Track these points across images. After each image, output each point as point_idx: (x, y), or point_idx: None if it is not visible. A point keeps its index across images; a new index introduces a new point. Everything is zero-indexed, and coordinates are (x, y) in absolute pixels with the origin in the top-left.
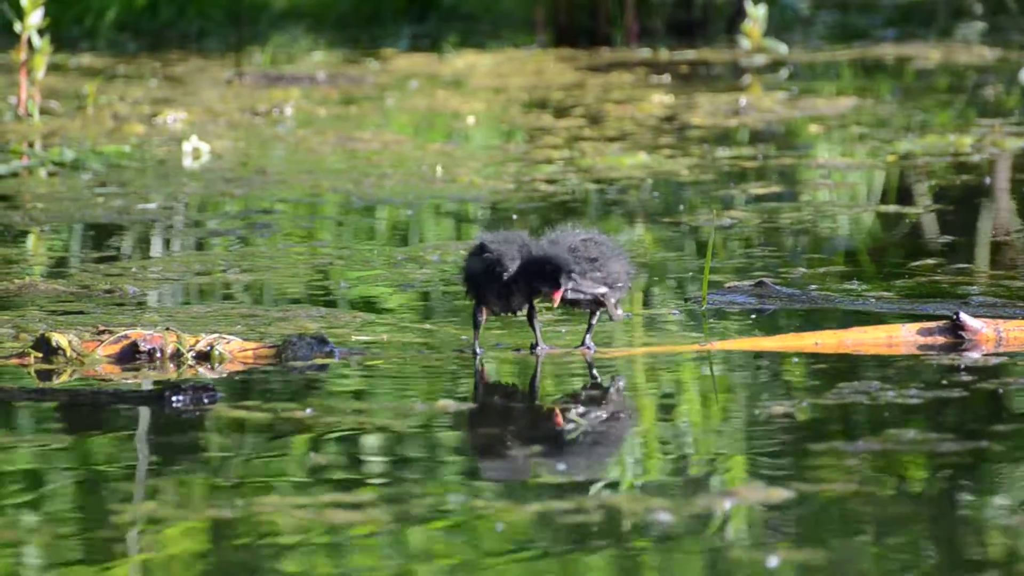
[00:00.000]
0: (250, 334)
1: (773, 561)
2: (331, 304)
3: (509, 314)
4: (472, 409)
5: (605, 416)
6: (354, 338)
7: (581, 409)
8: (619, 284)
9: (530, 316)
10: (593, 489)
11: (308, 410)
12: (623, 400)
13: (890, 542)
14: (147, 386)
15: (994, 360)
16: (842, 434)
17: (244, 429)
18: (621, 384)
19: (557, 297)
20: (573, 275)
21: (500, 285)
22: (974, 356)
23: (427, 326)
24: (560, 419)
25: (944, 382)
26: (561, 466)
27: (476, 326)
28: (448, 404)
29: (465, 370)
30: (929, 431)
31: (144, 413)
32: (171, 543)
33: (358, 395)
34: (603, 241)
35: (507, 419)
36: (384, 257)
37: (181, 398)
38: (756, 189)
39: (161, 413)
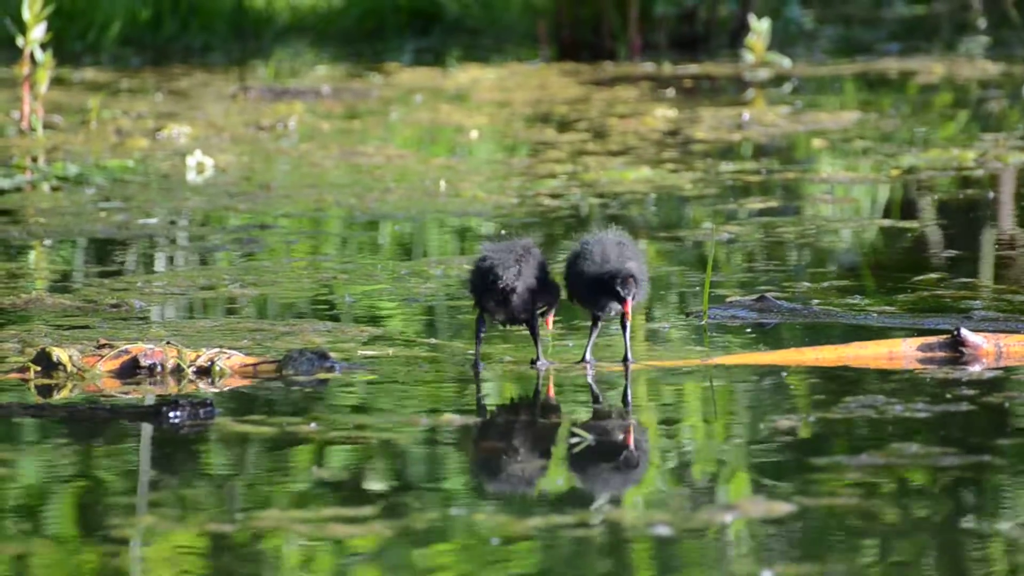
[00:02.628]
0: (256, 348)
1: (768, 575)
2: (336, 319)
3: (512, 324)
4: (474, 423)
5: (608, 430)
6: (360, 352)
7: (584, 423)
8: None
9: (532, 330)
10: (595, 503)
11: (312, 424)
12: (626, 414)
13: (892, 556)
14: (146, 401)
15: (996, 375)
16: (845, 448)
17: (245, 444)
18: (624, 398)
19: (628, 309)
20: (630, 280)
21: (498, 295)
22: (975, 371)
23: (433, 340)
24: (564, 433)
25: (948, 396)
26: (560, 480)
27: (478, 339)
28: (453, 418)
29: (468, 384)
30: (932, 445)
31: (144, 428)
32: (172, 557)
33: (361, 409)
34: (626, 243)
35: (509, 433)
36: (388, 271)
37: (178, 414)
38: (759, 203)
39: (162, 428)
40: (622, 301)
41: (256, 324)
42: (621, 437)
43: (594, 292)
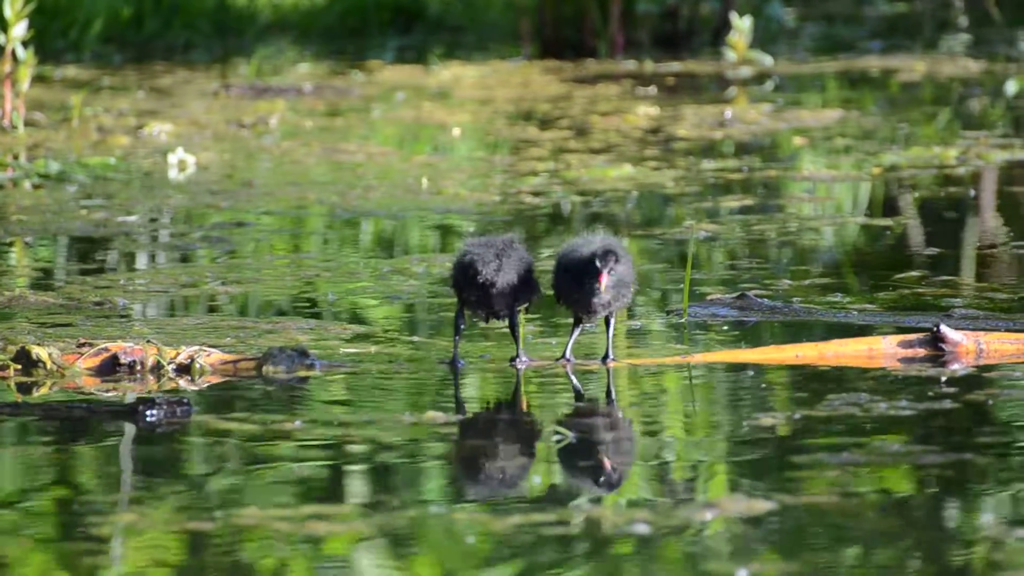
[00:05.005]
0: (239, 346)
1: (743, 573)
2: (318, 316)
3: (493, 319)
4: (454, 421)
5: (590, 428)
6: (342, 350)
7: (566, 421)
8: (629, 292)
9: (512, 327)
10: (575, 501)
11: (297, 422)
12: (607, 412)
13: (872, 555)
14: (124, 399)
15: (977, 373)
16: (827, 446)
17: (224, 442)
18: (605, 396)
19: (603, 280)
20: (607, 257)
21: (478, 289)
22: (955, 368)
23: (415, 338)
24: (545, 431)
25: (929, 394)
26: (541, 478)
27: (457, 333)
28: (435, 416)
29: (449, 382)
30: (913, 443)
31: (124, 426)
32: (151, 555)
33: (341, 406)
34: (616, 245)
35: (490, 431)
36: (370, 269)
37: (155, 412)
38: (741, 201)
39: (140, 427)
40: (597, 273)
41: (239, 322)
42: (602, 435)
43: (576, 280)
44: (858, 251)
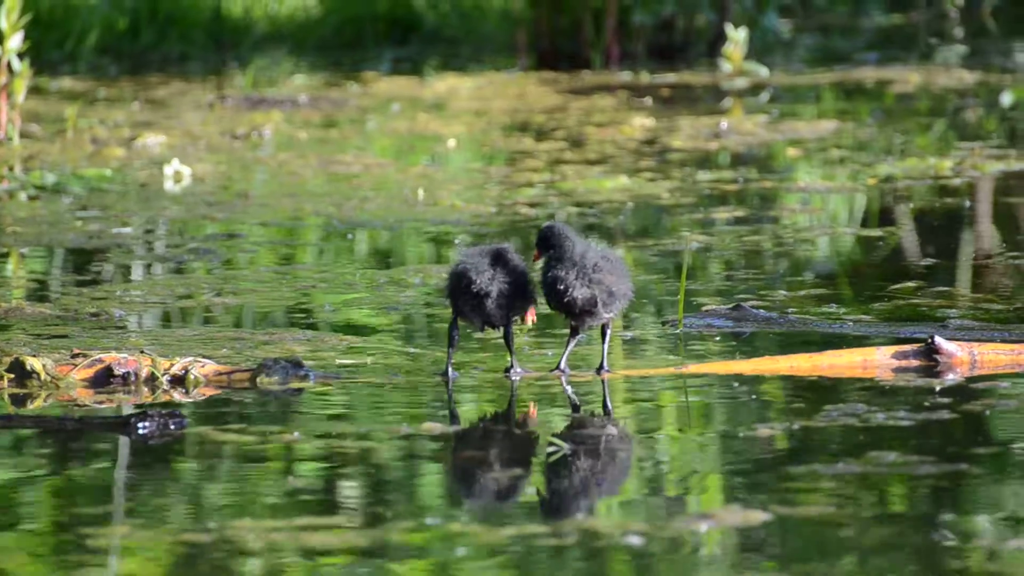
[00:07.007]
0: (235, 358)
1: None
2: (315, 327)
3: (488, 328)
4: (449, 433)
5: (584, 439)
6: (338, 362)
7: (561, 433)
8: (620, 305)
9: (507, 338)
10: (570, 513)
11: (295, 434)
12: (602, 423)
13: (868, 565)
14: (118, 411)
15: (971, 383)
16: (822, 457)
17: (218, 453)
18: (600, 407)
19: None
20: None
21: (472, 299)
22: (949, 379)
23: (411, 349)
24: (540, 443)
25: (925, 404)
26: (536, 490)
27: (451, 344)
28: (432, 427)
29: (444, 393)
30: (908, 453)
31: (122, 439)
32: (145, 567)
33: (335, 418)
34: (613, 258)
35: (485, 443)
36: (366, 280)
37: (147, 425)
38: (736, 212)
39: (136, 438)
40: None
41: (235, 333)
42: (597, 447)
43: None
44: (853, 262)
